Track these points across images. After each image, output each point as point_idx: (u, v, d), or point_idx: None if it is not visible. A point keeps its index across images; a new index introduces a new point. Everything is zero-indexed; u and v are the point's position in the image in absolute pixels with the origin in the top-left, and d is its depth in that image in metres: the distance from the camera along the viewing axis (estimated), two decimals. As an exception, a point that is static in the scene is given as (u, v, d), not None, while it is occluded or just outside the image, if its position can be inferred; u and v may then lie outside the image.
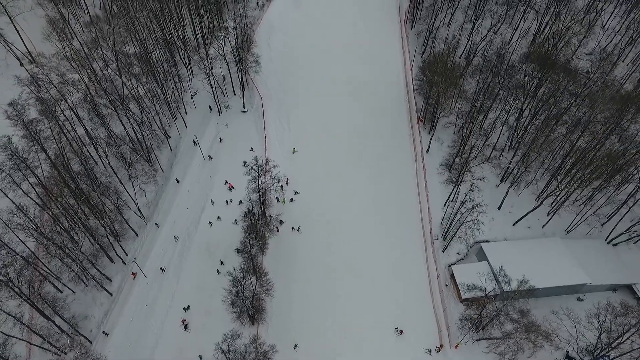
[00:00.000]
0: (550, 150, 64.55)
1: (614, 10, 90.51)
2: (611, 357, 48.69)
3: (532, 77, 67.79)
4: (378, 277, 62.63)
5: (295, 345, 54.88)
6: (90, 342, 57.54)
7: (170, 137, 79.31)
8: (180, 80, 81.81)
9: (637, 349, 48.31)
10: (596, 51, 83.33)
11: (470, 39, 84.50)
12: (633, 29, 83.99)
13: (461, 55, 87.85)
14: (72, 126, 67.90)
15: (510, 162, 67.08)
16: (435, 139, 76.28)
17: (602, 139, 60.98)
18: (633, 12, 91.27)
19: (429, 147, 75.68)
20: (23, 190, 57.09)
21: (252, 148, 77.24)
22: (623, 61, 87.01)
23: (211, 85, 77.11)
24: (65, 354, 55.07)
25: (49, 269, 57.29)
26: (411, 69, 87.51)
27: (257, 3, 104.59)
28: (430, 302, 61.01)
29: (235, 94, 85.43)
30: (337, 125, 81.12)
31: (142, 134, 69.26)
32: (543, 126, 61.72)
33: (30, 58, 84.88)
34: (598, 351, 50.27)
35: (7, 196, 59.00)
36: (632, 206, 66.32)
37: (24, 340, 53.18)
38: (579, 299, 61.62)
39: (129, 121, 69.31)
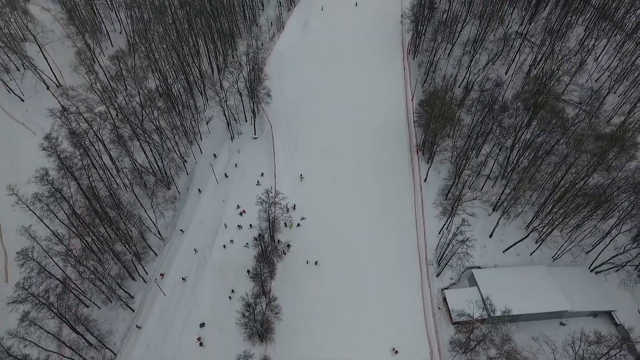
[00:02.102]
0: (537, 187, 69.86)
1: (607, 44, 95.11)
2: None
3: (525, 109, 72.53)
4: (376, 299, 68.02)
5: None
6: (115, 354, 64.02)
7: (186, 162, 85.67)
8: (198, 111, 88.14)
9: (606, 376, 53.88)
10: (587, 86, 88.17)
11: (469, 71, 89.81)
12: (621, 66, 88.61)
13: (460, 85, 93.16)
14: (99, 155, 74.47)
15: (501, 194, 72.50)
16: (433, 168, 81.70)
17: (585, 178, 66.03)
18: (626, 44, 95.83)
19: (426, 176, 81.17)
20: (59, 219, 63.58)
21: (262, 173, 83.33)
22: (614, 92, 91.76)
23: (225, 116, 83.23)
24: (93, 364, 61.69)
25: (80, 289, 63.94)
26: (412, 99, 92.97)
27: (269, 28, 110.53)
28: (424, 323, 66.50)
29: (247, 121, 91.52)
30: (342, 152, 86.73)
31: (162, 162, 75.59)
32: (530, 165, 67.06)
33: (61, 90, 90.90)
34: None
35: (42, 221, 65.60)
36: (615, 236, 71.33)
37: (57, 354, 59.99)
38: (561, 324, 66.84)
39: (151, 150, 75.70)
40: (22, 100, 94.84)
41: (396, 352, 63.07)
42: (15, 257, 57.82)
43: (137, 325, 64.96)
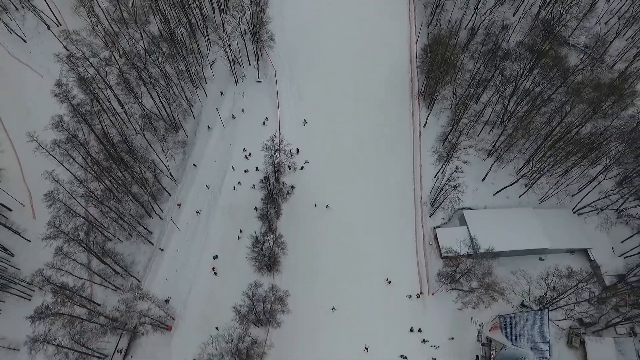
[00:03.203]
0: (529, 136, 72.65)
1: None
2: (550, 309, 61.87)
3: (530, 51, 72.58)
4: (373, 236, 74.38)
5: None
6: (139, 280, 72.14)
7: (193, 106, 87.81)
8: (201, 55, 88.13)
9: (570, 304, 61.40)
10: (594, 30, 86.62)
11: (476, 12, 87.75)
12: (633, 10, 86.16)
13: (466, 27, 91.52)
14: (108, 100, 76.69)
15: (496, 142, 75.59)
16: (433, 114, 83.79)
17: (579, 126, 68.50)
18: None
19: (426, 121, 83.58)
20: (78, 163, 67.90)
21: (267, 117, 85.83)
22: (622, 36, 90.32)
23: (229, 60, 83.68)
24: (122, 290, 69.90)
25: (104, 226, 70.37)
26: (416, 42, 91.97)
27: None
28: (415, 258, 73.56)
29: (250, 64, 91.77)
30: (344, 95, 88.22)
31: (170, 108, 77.96)
32: (526, 114, 69.29)
33: (65, 34, 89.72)
34: (544, 303, 63.65)
35: (62, 165, 69.94)
36: (601, 181, 75.54)
37: (90, 281, 68.09)
38: (540, 259, 73.64)
39: (158, 95, 77.69)
40: (25, 41, 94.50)
41: (389, 282, 70.74)
42: (42, 199, 63.23)
43: (160, 248, 72.21)
